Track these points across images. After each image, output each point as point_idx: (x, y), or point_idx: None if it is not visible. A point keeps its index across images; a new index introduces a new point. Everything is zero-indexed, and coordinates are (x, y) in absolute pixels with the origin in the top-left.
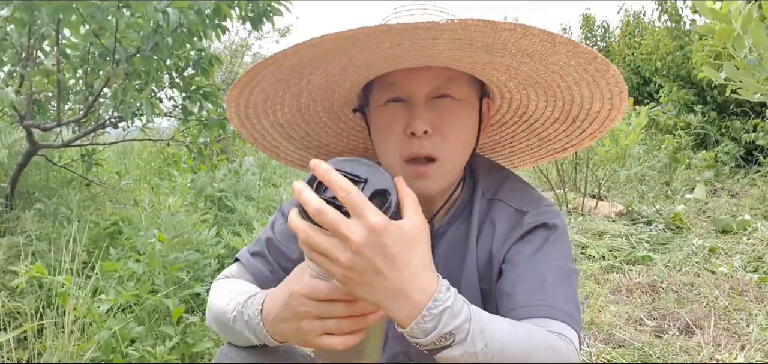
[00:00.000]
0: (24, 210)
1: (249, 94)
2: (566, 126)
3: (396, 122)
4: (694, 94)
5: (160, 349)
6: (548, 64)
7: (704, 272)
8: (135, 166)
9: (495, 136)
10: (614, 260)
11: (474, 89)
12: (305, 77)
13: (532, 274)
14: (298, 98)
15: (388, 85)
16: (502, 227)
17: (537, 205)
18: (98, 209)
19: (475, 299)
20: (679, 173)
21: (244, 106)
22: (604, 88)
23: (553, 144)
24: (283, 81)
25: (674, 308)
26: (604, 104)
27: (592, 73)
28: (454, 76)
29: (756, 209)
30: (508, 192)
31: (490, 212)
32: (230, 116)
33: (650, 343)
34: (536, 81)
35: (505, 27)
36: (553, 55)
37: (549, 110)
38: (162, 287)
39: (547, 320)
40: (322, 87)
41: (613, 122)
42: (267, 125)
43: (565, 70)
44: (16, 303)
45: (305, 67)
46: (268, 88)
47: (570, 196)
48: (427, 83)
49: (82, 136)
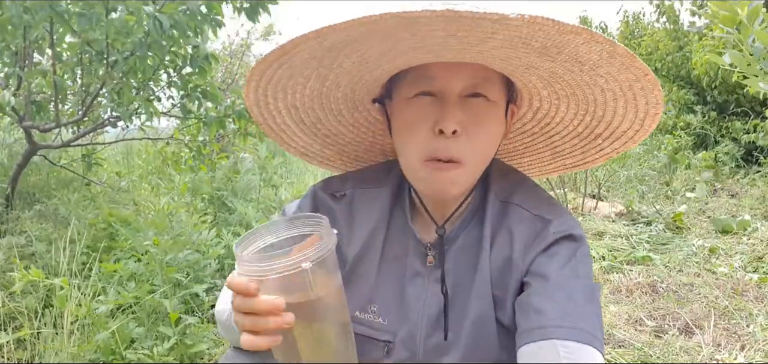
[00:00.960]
0: (24, 211)
1: (277, 68)
2: (585, 143)
3: (425, 118)
4: (693, 95)
5: (157, 350)
6: (595, 75)
7: (704, 272)
8: (135, 166)
9: (508, 145)
10: (614, 260)
11: (504, 93)
12: (339, 59)
13: (562, 292)
14: (323, 81)
15: (423, 78)
16: (522, 235)
17: (559, 213)
18: (98, 209)
19: (487, 306)
20: (679, 174)
21: (266, 83)
22: (641, 107)
23: (565, 159)
24: (315, 59)
25: (674, 308)
26: (634, 125)
27: (636, 91)
28: (490, 75)
29: (756, 209)
30: (524, 196)
31: (505, 217)
32: (247, 92)
33: (650, 343)
34: (574, 92)
35: (571, 30)
36: (606, 66)
37: (574, 124)
38: (161, 287)
39: (579, 344)
40: (351, 72)
41: (634, 144)
42: (281, 106)
43: (610, 84)
44: (16, 304)
45: (346, 46)
46: (297, 65)
47: (570, 196)
48: (463, 80)
49: (81, 136)
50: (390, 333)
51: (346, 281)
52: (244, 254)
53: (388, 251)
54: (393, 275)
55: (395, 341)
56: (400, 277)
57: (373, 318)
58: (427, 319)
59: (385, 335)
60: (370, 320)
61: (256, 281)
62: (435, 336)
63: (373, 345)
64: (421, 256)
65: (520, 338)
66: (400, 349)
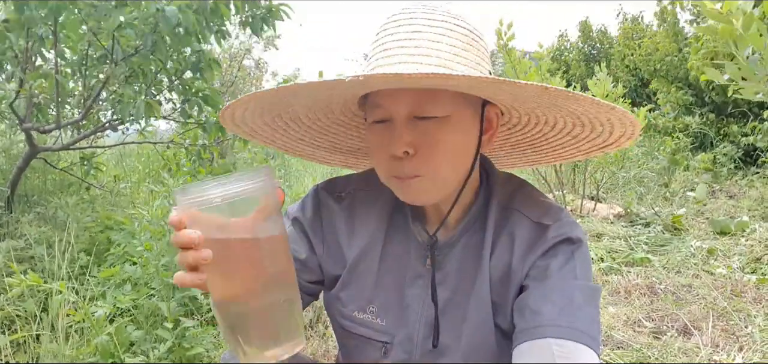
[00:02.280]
0: (23, 214)
1: (243, 110)
2: (579, 138)
3: (381, 144)
4: (692, 96)
5: (154, 353)
6: (566, 112)
7: (702, 273)
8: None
9: (511, 140)
10: (613, 261)
11: (463, 102)
12: (294, 103)
13: (560, 293)
14: (296, 110)
15: (372, 106)
16: (523, 242)
17: (558, 217)
18: (96, 212)
19: (486, 311)
20: (677, 175)
21: (241, 121)
22: (619, 117)
23: (558, 152)
24: (274, 106)
25: (672, 309)
26: (624, 129)
27: (607, 111)
28: (434, 94)
29: (754, 210)
30: (524, 201)
31: (506, 222)
32: (228, 128)
33: (649, 344)
34: (549, 108)
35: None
36: (575, 105)
37: (560, 124)
38: (159, 290)
39: (574, 343)
40: (313, 108)
41: (631, 139)
42: (268, 121)
43: (582, 107)
44: (16, 307)
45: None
46: (259, 110)
47: (569, 198)
48: (405, 105)
49: (81, 139)
50: (388, 334)
51: (346, 281)
52: (177, 191)
53: (388, 252)
54: (393, 277)
55: (393, 342)
56: (400, 278)
57: (371, 318)
58: (426, 321)
59: (382, 336)
60: (369, 320)
61: (188, 218)
62: (433, 339)
63: (370, 345)
64: (421, 257)
65: (516, 337)
66: (397, 350)
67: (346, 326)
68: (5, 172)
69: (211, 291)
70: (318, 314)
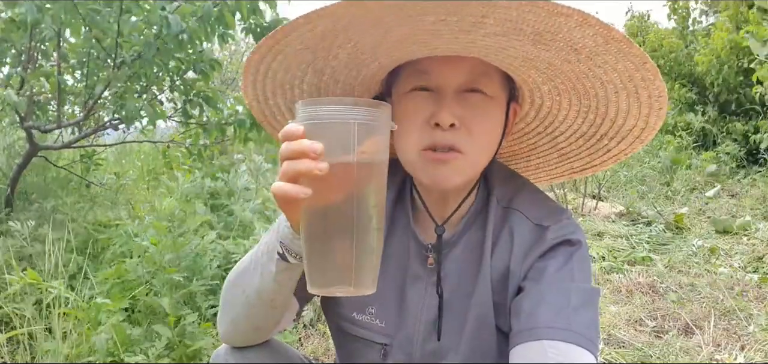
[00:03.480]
0: (23, 212)
1: (271, 60)
2: (591, 143)
3: (420, 111)
4: (695, 94)
5: (152, 351)
6: (593, 65)
7: (704, 272)
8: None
9: (513, 147)
10: (614, 260)
11: (504, 90)
12: (334, 50)
13: (556, 294)
14: (320, 76)
15: (418, 72)
16: (522, 243)
17: (558, 218)
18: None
19: (487, 312)
20: (679, 174)
21: (263, 76)
22: (644, 101)
23: (572, 162)
24: (309, 50)
25: (674, 308)
26: (639, 122)
27: (637, 82)
28: (488, 70)
29: (756, 209)
30: (525, 202)
31: (507, 222)
32: (245, 86)
33: (650, 343)
34: (574, 86)
35: (562, 11)
36: (603, 54)
37: (578, 122)
38: (158, 287)
39: (569, 345)
40: (348, 65)
41: (642, 144)
42: (281, 103)
43: (610, 74)
44: (16, 305)
45: (338, 34)
46: (291, 56)
47: (570, 196)
48: (459, 75)
49: (82, 138)
50: (387, 336)
51: None
52: (299, 103)
53: (388, 253)
54: (393, 277)
55: (392, 343)
56: (400, 279)
57: (370, 320)
58: (425, 323)
59: (382, 338)
60: (368, 322)
61: (305, 128)
62: (432, 341)
63: (369, 347)
64: (421, 258)
65: (512, 339)
66: (397, 352)
67: (345, 327)
68: (5, 171)
69: (306, 206)
70: (318, 313)
